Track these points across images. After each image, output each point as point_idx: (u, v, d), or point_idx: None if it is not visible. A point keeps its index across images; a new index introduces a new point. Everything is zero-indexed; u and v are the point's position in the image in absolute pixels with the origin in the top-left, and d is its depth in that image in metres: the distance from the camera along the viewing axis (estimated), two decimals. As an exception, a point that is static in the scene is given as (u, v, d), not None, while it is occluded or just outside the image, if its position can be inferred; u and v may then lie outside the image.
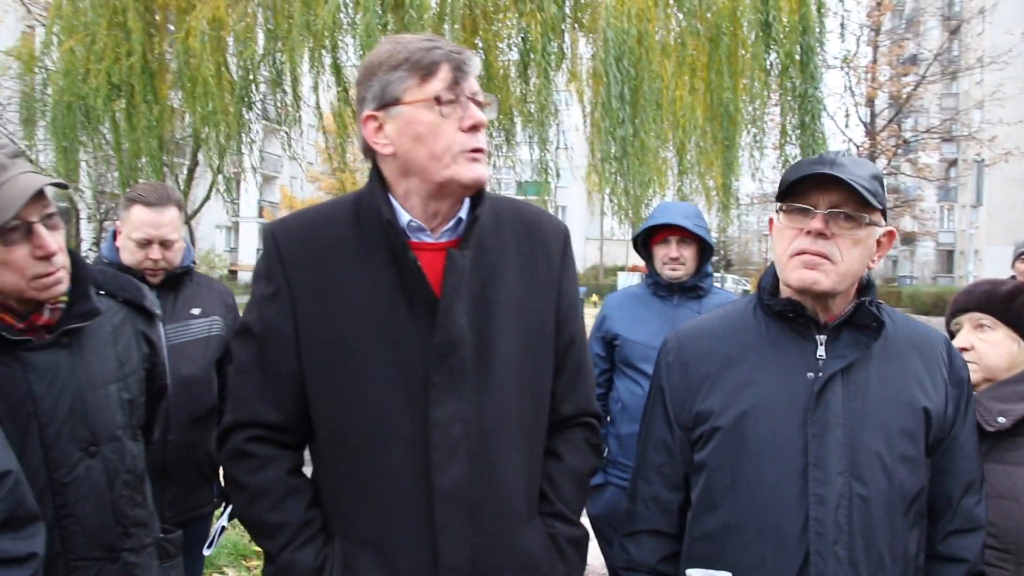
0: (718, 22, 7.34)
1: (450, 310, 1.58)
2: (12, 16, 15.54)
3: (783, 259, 1.72)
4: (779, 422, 1.68)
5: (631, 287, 3.76)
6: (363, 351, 1.59)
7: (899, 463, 1.67)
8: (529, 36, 6.88)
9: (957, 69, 31.29)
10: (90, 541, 1.87)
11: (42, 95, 9.86)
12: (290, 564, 1.59)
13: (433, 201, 1.62)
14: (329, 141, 10.35)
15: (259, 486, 1.63)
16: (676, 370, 1.84)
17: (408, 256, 1.58)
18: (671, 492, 1.82)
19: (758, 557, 1.66)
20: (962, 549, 1.74)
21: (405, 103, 1.56)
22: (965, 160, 36.54)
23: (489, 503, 1.61)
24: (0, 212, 1.69)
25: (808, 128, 7.56)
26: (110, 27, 8.38)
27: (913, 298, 38.00)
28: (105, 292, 2.05)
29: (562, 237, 1.78)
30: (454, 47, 1.60)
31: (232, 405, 1.69)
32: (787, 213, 1.72)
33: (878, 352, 1.72)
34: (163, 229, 2.85)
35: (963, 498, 1.75)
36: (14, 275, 1.77)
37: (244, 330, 1.69)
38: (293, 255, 1.63)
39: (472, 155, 1.59)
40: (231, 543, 5.15)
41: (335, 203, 1.74)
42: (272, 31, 8.57)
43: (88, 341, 1.94)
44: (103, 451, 1.91)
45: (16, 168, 1.76)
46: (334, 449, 1.64)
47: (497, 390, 1.63)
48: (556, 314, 1.74)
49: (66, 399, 1.85)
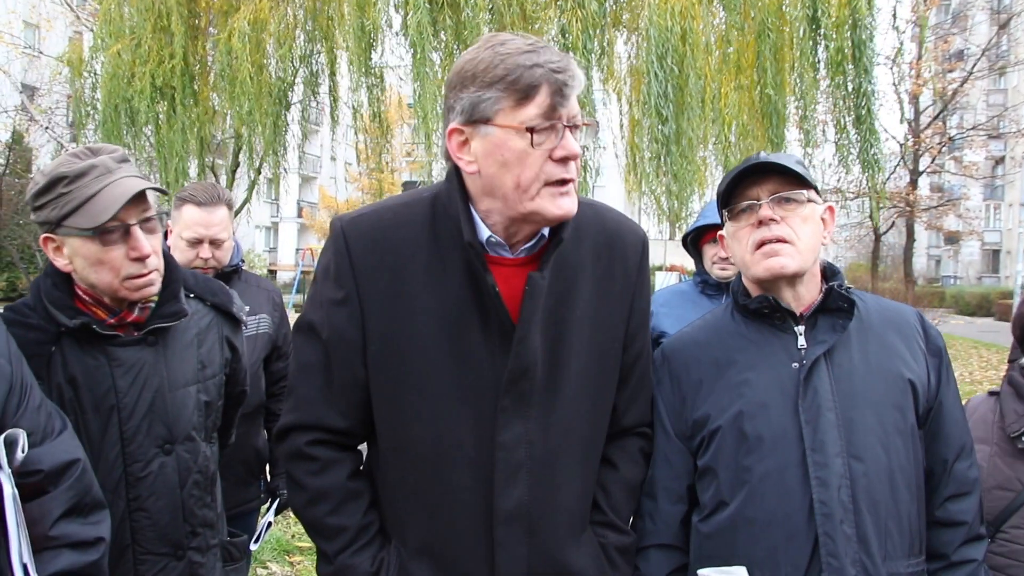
0: (764, 18, 7.22)
1: (526, 338, 1.54)
2: (61, 22, 15.89)
3: (746, 258, 1.80)
4: (773, 415, 1.73)
5: (678, 284, 3.76)
6: (432, 368, 1.56)
7: (894, 436, 1.71)
8: (569, 33, 6.82)
9: (1006, 64, 30.54)
10: (158, 536, 1.93)
11: (91, 99, 10.06)
12: (347, 568, 1.60)
13: (514, 226, 1.56)
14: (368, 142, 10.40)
15: (320, 489, 1.62)
16: (667, 383, 1.87)
17: (488, 281, 1.52)
18: (675, 505, 1.84)
19: (769, 547, 1.69)
20: (959, 513, 1.78)
21: (496, 125, 1.46)
22: (1013, 157, 35.69)
23: (547, 522, 1.60)
24: (100, 212, 1.80)
25: (864, 121, 7.42)
26: (154, 31, 8.53)
27: (957, 298, 37.24)
28: (195, 295, 2.11)
29: (640, 247, 1.74)
30: (558, 61, 1.46)
31: (294, 404, 1.66)
32: (734, 218, 1.82)
33: (856, 333, 1.78)
34: (213, 228, 2.88)
35: (956, 462, 1.79)
36: (109, 273, 1.86)
37: (309, 328, 1.63)
38: (364, 260, 1.57)
39: (560, 189, 1.49)
40: (275, 539, 5.21)
41: (409, 203, 1.65)
42: (312, 32, 8.63)
43: (173, 341, 2.01)
44: (178, 450, 1.97)
45: (121, 172, 1.86)
46: (396, 459, 1.62)
47: (564, 410, 1.61)
48: (626, 328, 1.72)
49: (147, 396, 1.92)
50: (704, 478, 1.80)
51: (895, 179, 26.55)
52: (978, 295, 36.46)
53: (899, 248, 34.37)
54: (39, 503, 1.56)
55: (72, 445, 1.66)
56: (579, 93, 1.50)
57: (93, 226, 1.80)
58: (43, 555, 1.54)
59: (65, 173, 1.81)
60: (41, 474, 1.57)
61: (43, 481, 1.57)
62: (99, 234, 1.81)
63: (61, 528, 1.58)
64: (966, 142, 30.07)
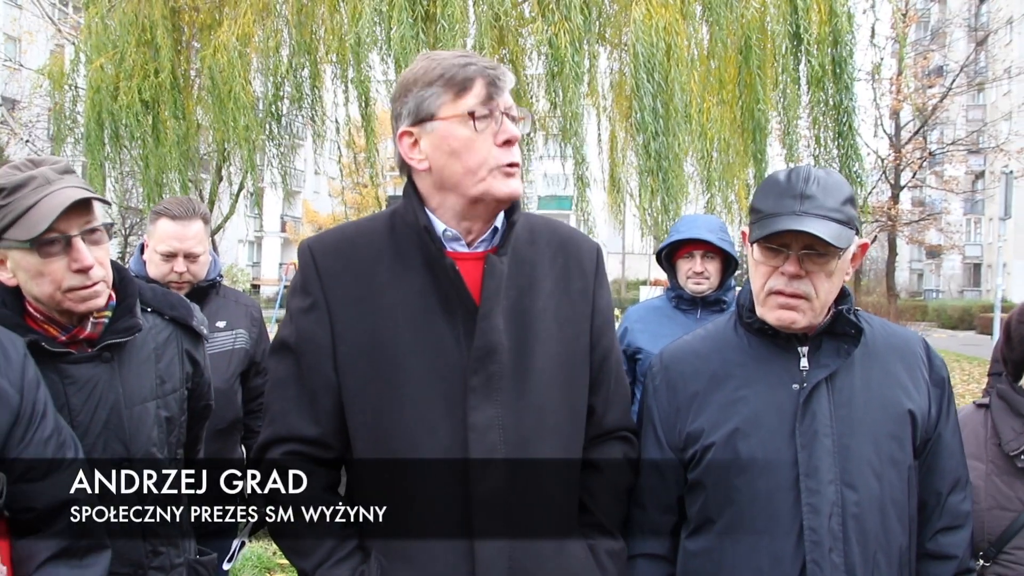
0: (747, 34, 7.29)
1: (489, 315, 1.59)
2: (43, 36, 15.82)
3: (759, 295, 1.75)
4: (768, 436, 1.70)
5: (652, 299, 3.76)
6: (401, 359, 1.59)
7: (888, 467, 1.69)
8: (556, 44, 6.85)
9: (984, 80, 30.99)
10: (116, 556, 1.85)
11: (72, 112, 9.99)
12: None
13: (467, 217, 1.64)
14: (353, 156, 10.40)
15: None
16: (663, 392, 1.84)
17: (445, 261, 1.59)
18: (664, 515, 1.81)
19: (755, 569, 1.67)
20: (950, 546, 1.76)
21: (440, 118, 1.58)
22: (992, 172, 36.11)
23: (527, 512, 1.59)
24: (37, 223, 1.74)
25: (846, 138, 7.49)
26: (139, 45, 8.48)
27: (939, 312, 37.54)
28: (152, 309, 2.07)
29: (595, 253, 1.79)
30: (488, 63, 1.62)
31: (269, 420, 1.68)
32: (761, 249, 1.74)
33: (860, 358, 1.75)
34: (188, 242, 2.87)
35: (949, 495, 1.77)
36: (50, 286, 1.80)
37: (280, 346, 1.68)
38: (330, 267, 1.64)
39: (507, 170, 1.60)
40: (255, 556, 5.15)
41: (371, 218, 1.76)
42: (297, 46, 8.62)
43: (129, 357, 1.96)
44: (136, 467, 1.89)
45: (61, 182, 1.80)
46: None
47: (535, 397, 1.62)
48: (591, 328, 1.74)
49: (102, 413, 1.87)
50: (692, 492, 1.78)
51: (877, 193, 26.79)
52: (960, 308, 36.75)
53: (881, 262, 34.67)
54: (27, 543, 1.51)
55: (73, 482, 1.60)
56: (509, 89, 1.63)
57: (30, 237, 1.74)
58: None
59: (3, 186, 1.76)
60: (33, 512, 1.52)
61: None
62: (38, 246, 1.76)
63: (47, 572, 1.52)
64: (946, 157, 30.44)
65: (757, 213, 1.75)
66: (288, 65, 8.72)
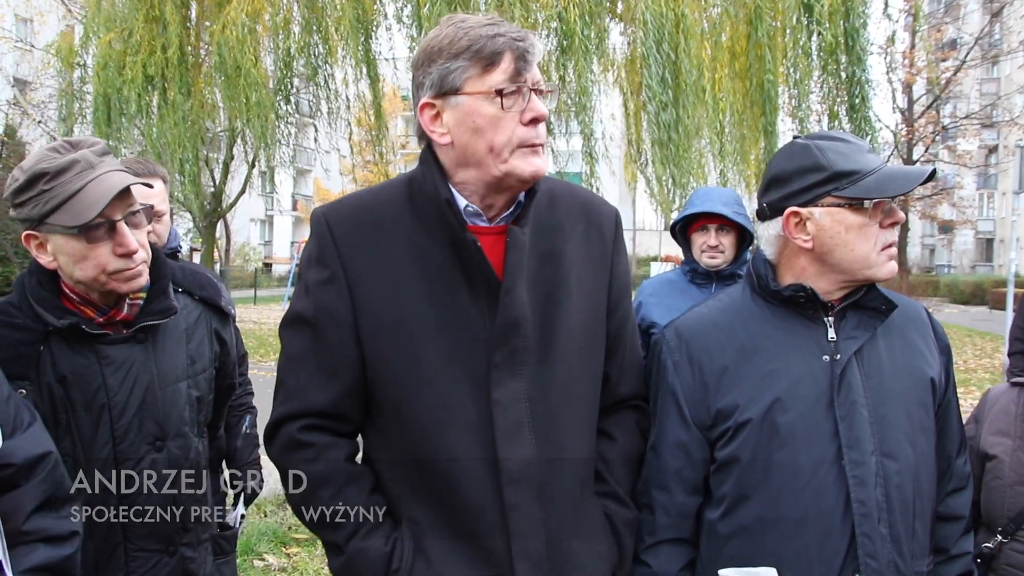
0: (758, 4, 7.21)
1: (512, 289, 1.56)
2: (53, 16, 15.82)
3: (871, 256, 1.67)
4: (807, 408, 1.67)
5: (667, 273, 3.73)
6: (424, 334, 1.56)
7: (919, 434, 1.70)
8: (567, 17, 6.79)
9: (998, 53, 30.56)
10: (150, 533, 1.92)
11: (80, 91, 9.99)
12: (360, 551, 1.56)
13: (489, 194, 1.60)
14: (364, 134, 10.37)
15: (319, 475, 1.60)
16: (686, 368, 1.77)
17: (467, 237, 1.55)
18: (691, 496, 1.76)
19: (802, 547, 1.64)
20: (958, 507, 1.80)
21: (465, 93, 1.52)
22: (1006, 146, 35.73)
23: (558, 483, 1.59)
24: (85, 210, 1.76)
25: (858, 110, 7.42)
26: (146, 20, 8.45)
27: (951, 287, 37.33)
28: (183, 289, 2.09)
29: (614, 219, 1.77)
30: (517, 32, 1.54)
31: (284, 396, 1.65)
32: (857, 209, 1.67)
33: (881, 329, 1.73)
34: (153, 199, 2.89)
35: (957, 458, 1.82)
36: (95, 269, 1.83)
37: (297, 318, 1.63)
38: (348, 238, 1.60)
39: (531, 149, 1.55)
40: (271, 531, 5.20)
41: (386, 185, 1.71)
42: (307, 23, 8.58)
43: (163, 338, 1.99)
44: (169, 446, 1.95)
45: (103, 167, 1.82)
46: (398, 433, 1.61)
47: (560, 367, 1.61)
48: (608, 294, 1.72)
49: (138, 393, 1.90)
50: (723, 470, 1.73)
51: (889, 168, 26.49)
52: (972, 284, 36.53)
53: (893, 237, 34.37)
54: (12, 497, 1.55)
55: (42, 438, 1.65)
56: (538, 60, 1.57)
57: (78, 224, 1.76)
58: (18, 550, 1.53)
59: (45, 169, 1.76)
60: (13, 468, 1.55)
61: (15, 475, 1.56)
62: (84, 232, 1.77)
63: (35, 522, 1.56)
64: (959, 131, 30.12)
65: (849, 175, 1.66)
66: (300, 42, 8.69)
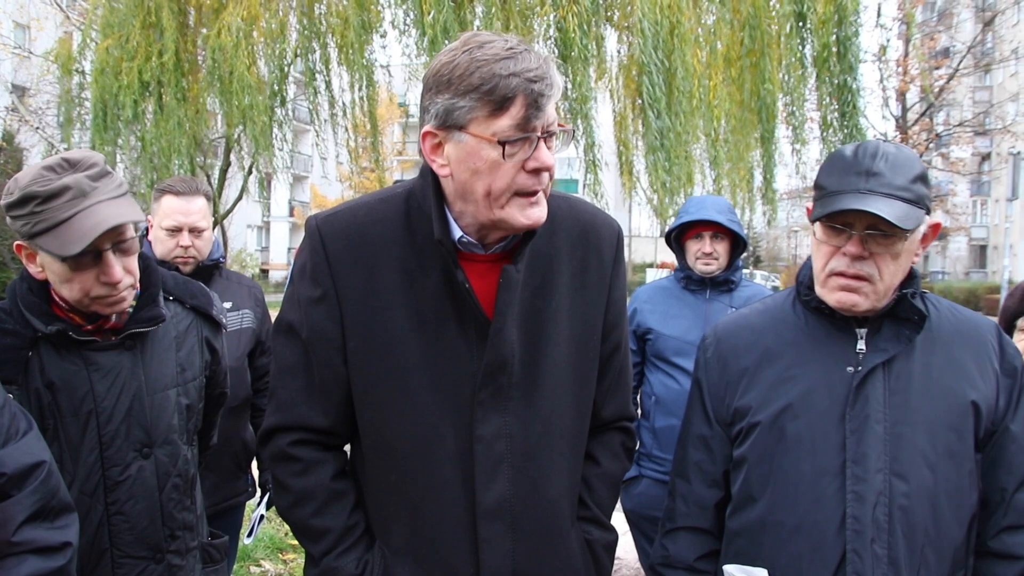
0: (752, 12, 7.26)
1: (502, 330, 1.55)
2: (51, 23, 15.81)
3: (820, 275, 1.68)
4: (817, 418, 1.65)
5: (661, 280, 3.75)
6: (411, 363, 1.56)
7: (944, 459, 1.61)
8: (565, 28, 6.83)
9: (991, 61, 30.73)
10: (137, 540, 1.92)
11: (79, 97, 9.99)
12: (332, 570, 1.59)
13: (485, 229, 1.56)
14: (360, 141, 10.38)
15: (304, 490, 1.62)
16: (714, 366, 1.81)
17: (458, 277, 1.53)
18: (710, 489, 1.80)
19: (794, 554, 1.64)
20: (1016, 546, 1.65)
21: (469, 133, 1.44)
22: (999, 154, 35.84)
23: (532, 518, 1.60)
24: (71, 243, 1.74)
25: (850, 119, 7.46)
26: (143, 26, 8.45)
27: (945, 293, 37.37)
28: (173, 297, 2.10)
29: (615, 239, 1.73)
30: (535, 70, 1.41)
31: (276, 406, 1.66)
32: (823, 227, 1.66)
33: (922, 344, 1.67)
34: (192, 216, 2.93)
35: (1016, 492, 1.66)
36: (79, 292, 1.83)
37: (289, 329, 1.64)
38: (341, 257, 1.57)
39: (530, 199, 1.49)
40: (268, 536, 5.22)
41: (384, 199, 1.65)
42: (305, 29, 8.61)
43: (152, 345, 1.99)
44: (156, 453, 1.95)
45: (96, 195, 1.78)
46: (379, 458, 1.62)
47: (544, 403, 1.61)
48: (604, 320, 1.71)
49: (125, 400, 1.90)
50: (736, 469, 1.76)
51: (883, 175, 26.54)
52: (966, 290, 36.64)
53: (887, 244, 34.42)
54: (2, 508, 1.54)
55: (37, 447, 1.63)
56: (556, 99, 1.47)
57: (62, 255, 1.76)
58: (6, 562, 1.51)
59: (37, 192, 1.75)
60: (4, 477, 1.54)
61: (6, 485, 1.55)
62: (69, 259, 1.77)
63: (25, 533, 1.54)
64: (953, 139, 30.20)
65: (821, 190, 1.66)
66: (296, 48, 8.72)
